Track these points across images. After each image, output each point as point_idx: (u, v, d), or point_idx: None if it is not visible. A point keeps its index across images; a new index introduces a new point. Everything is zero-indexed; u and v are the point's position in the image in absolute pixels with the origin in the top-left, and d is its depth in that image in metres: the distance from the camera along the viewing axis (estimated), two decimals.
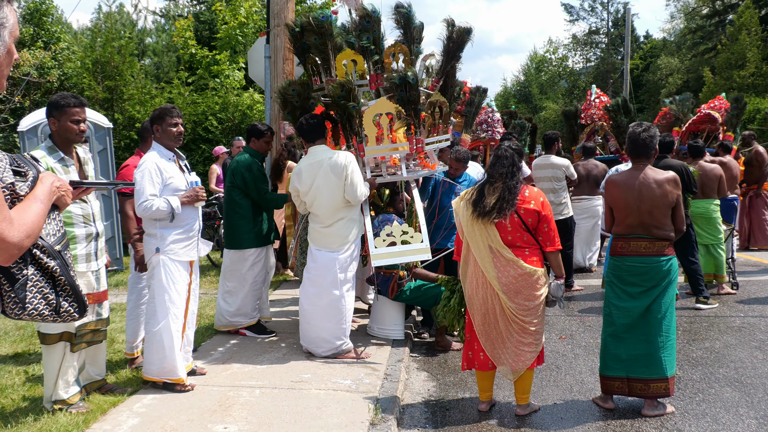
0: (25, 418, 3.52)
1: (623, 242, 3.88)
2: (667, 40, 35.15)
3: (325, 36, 5.06)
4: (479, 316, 3.75)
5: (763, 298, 6.81)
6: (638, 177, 3.83)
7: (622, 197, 3.84)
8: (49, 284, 1.82)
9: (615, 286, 3.91)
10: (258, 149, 5.27)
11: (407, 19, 5.19)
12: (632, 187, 3.82)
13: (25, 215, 1.64)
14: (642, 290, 3.80)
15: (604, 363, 3.92)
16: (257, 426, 3.47)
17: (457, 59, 5.34)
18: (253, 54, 7.98)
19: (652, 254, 3.79)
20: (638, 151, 3.87)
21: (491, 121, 9.62)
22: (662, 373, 3.74)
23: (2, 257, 1.59)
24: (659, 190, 3.77)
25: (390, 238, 4.76)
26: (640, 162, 3.88)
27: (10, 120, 11.14)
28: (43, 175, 1.82)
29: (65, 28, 14.74)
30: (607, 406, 3.89)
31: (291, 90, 5.25)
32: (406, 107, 4.92)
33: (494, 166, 3.77)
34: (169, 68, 16.90)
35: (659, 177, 3.81)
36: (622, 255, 3.87)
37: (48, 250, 1.81)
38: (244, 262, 5.13)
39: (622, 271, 3.87)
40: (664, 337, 3.77)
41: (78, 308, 1.90)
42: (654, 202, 3.76)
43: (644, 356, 3.77)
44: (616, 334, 3.86)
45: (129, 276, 4.72)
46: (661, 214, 3.78)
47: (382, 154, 5.02)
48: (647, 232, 3.80)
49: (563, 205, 7.18)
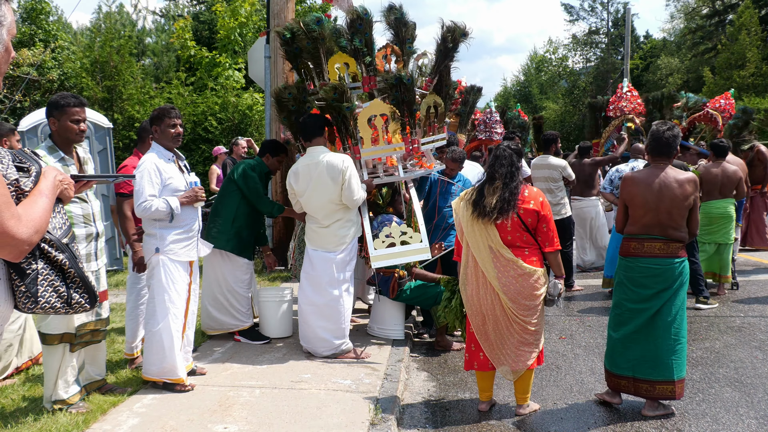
0: (25, 418, 3.51)
1: (637, 243, 3.81)
2: (667, 40, 35.14)
3: (317, 40, 5.06)
4: (479, 316, 3.74)
5: (763, 298, 6.81)
6: (659, 176, 3.77)
7: (641, 195, 3.78)
8: (59, 277, 1.86)
9: (626, 288, 3.85)
10: (270, 166, 5.18)
11: (399, 20, 5.19)
12: (652, 185, 3.75)
13: (31, 211, 1.66)
14: (654, 292, 3.75)
15: (612, 360, 3.90)
16: (257, 426, 3.47)
17: (450, 59, 5.34)
18: (253, 54, 7.99)
19: (667, 256, 3.74)
20: (660, 150, 3.82)
21: (489, 122, 9.61)
22: (669, 376, 3.70)
23: (13, 253, 1.61)
24: (680, 190, 3.72)
25: (389, 239, 4.75)
26: (661, 161, 3.83)
27: (10, 120, 11.14)
28: (45, 169, 1.84)
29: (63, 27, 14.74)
30: (615, 401, 3.89)
31: (287, 93, 5.23)
32: (401, 108, 4.92)
33: (494, 166, 3.76)
34: (169, 68, 16.91)
35: (680, 177, 3.76)
36: (636, 256, 3.81)
37: (56, 243, 1.85)
38: (237, 269, 5.06)
39: (635, 273, 3.80)
40: (673, 341, 3.72)
41: (89, 299, 1.94)
42: (674, 203, 3.71)
43: (652, 358, 3.74)
44: (626, 334, 3.82)
45: (128, 276, 4.72)
46: (680, 215, 3.73)
47: (378, 155, 5.02)
48: (663, 233, 3.74)
49: (561, 205, 7.19)
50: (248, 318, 5.14)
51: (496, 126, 9.57)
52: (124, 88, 11.87)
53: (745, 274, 8.02)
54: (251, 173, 5.00)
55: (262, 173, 5.10)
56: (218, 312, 5.09)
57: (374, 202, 5.35)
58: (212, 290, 5.09)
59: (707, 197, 6.92)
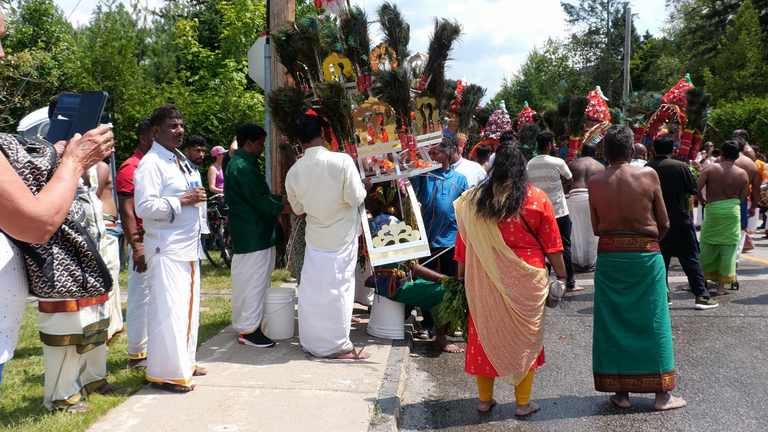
0: (25, 418, 3.52)
1: (608, 239, 3.99)
2: (667, 40, 35.17)
3: (311, 41, 5.06)
4: (482, 318, 3.74)
5: (763, 297, 6.81)
6: (615, 173, 4.00)
7: (603, 194, 3.99)
8: (74, 261, 1.90)
9: (601, 283, 4.02)
10: (253, 151, 5.12)
11: (393, 20, 5.20)
12: (611, 183, 3.97)
13: (51, 194, 1.69)
14: (626, 286, 3.89)
15: (597, 360, 3.98)
16: (257, 426, 3.47)
17: (444, 57, 5.35)
18: (253, 54, 7.99)
19: (635, 250, 3.90)
20: (615, 151, 4.05)
21: (500, 122, 9.66)
22: (654, 368, 3.80)
23: (36, 235, 1.64)
24: (636, 183, 3.92)
25: (388, 237, 4.76)
26: (617, 161, 4.05)
27: (10, 120, 11.15)
28: (65, 158, 1.84)
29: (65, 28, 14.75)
30: (623, 404, 3.92)
31: (282, 96, 5.22)
32: (396, 105, 4.93)
33: (504, 165, 3.73)
34: (169, 68, 16.91)
35: (636, 172, 3.97)
36: (607, 251, 3.99)
37: (76, 225, 1.89)
38: (249, 264, 5.08)
39: (607, 267, 3.98)
40: (656, 334, 3.83)
41: (104, 282, 1.97)
42: (632, 196, 3.90)
43: (635, 352, 3.84)
44: (605, 330, 3.94)
45: (129, 276, 4.71)
46: (640, 207, 3.90)
47: (374, 154, 5.02)
48: (629, 227, 3.91)
49: (558, 204, 7.21)
50: (258, 320, 5.09)
51: (507, 126, 9.62)
52: (125, 89, 11.88)
53: (745, 274, 8.02)
54: (243, 179, 4.91)
55: (253, 171, 5.00)
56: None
57: (377, 200, 5.35)
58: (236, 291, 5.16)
59: (712, 197, 6.93)
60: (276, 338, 5.18)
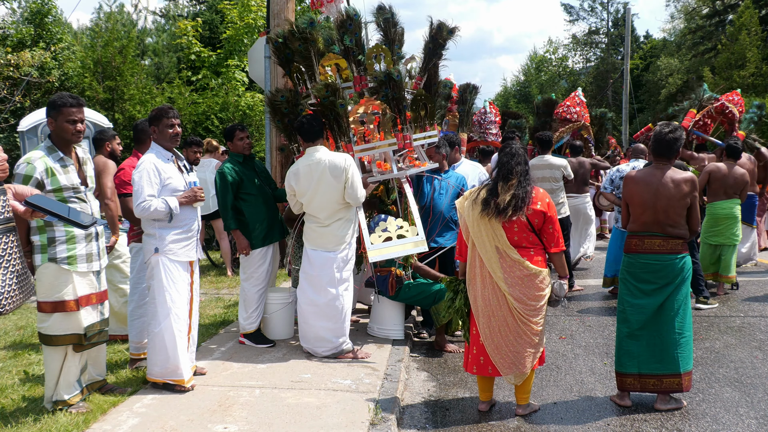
0: (25, 418, 3.52)
1: (638, 240, 3.93)
2: (667, 40, 35.12)
3: (308, 41, 5.07)
4: (484, 317, 3.73)
5: (763, 297, 6.81)
6: (657, 175, 3.89)
7: (639, 194, 3.90)
8: None
9: (629, 284, 3.96)
10: (236, 150, 5.08)
11: (388, 20, 5.21)
12: (650, 184, 3.87)
13: None
14: (656, 287, 3.86)
15: (618, 360, 3.98)
16: (257, 426, 3.47)
17: (439, 57, 5.35)
18: (253, 54, 7.97)
19: (666, 252, 3.84)
20: (661, 151, 3.93)
21: (483, 122, 9.55)
22: (675, 369, 3.81)
23: None
24: (676, 190, 3.82)
25: (386, 234, 4.77)
26: (661, 161, 3.94)
27: (10, 120, 11.15)
28: None
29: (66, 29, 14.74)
30: (624, 403, 3.93)
31: (280, 97, 5.21)
32: (391, 104, 4.94)
33: (508, 164, 3.71)
34: (170, 68, 16.91)
35: (677, 176, 3.86)
36: (637, 252, 3.93)
37: None
38: (249, 263, 5.07)
39: (637, 269, 3.92)
40: (678, 334, 3.83)
41: None
42: (670, 201, 3.81)
43: (657, 352, 3.84)
44: (631, 330, 3.92)
45: (129, 276, 4.71)
46: (677, 213, 3.83)
47: (371, 152, 5.03)
48: (662, 230, 3.85)
49: (561, 204, 7.21)
50: (258, 320, 5.09)
51: (491, 126, 9.53)
52: (126, 89, 11.88)
53: (745, 274, 8.02)
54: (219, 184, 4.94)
55: (232, 175, 4.95)
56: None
57: (380, 199, 5.35)
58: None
59: (713, 197, 6.92)
60: (276, 338, 5.18)
